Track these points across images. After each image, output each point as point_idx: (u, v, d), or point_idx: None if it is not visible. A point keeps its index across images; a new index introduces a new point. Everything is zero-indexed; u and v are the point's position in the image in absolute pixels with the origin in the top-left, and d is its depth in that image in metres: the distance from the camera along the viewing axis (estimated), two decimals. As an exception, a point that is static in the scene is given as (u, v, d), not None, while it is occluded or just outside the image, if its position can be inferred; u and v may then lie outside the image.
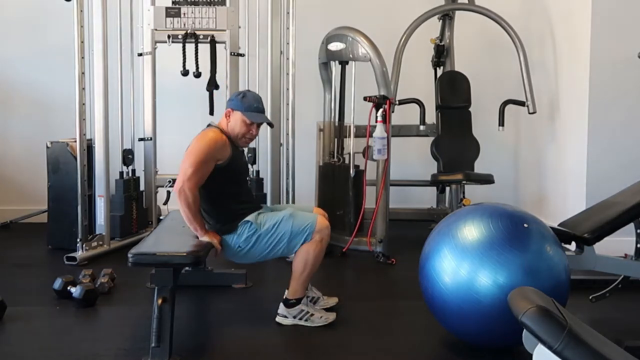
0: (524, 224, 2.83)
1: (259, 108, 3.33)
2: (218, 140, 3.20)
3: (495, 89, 5.64)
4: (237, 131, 3.28)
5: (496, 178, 4.92)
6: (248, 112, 3.27)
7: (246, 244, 3.24)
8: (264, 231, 3.22)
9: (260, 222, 3.25)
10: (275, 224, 3.23)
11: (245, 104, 3.28)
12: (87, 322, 3.36)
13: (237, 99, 3.32)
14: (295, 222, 3.22)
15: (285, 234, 3.21)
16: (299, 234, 3.20)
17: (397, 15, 5.52)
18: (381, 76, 4.48)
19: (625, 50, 4.33)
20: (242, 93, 3.38)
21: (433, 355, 3.03)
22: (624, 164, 4.47)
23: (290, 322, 3.27)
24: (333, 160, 4.83)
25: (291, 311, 3.27)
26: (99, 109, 4.55)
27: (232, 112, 3.29)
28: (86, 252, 4.38)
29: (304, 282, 3.28)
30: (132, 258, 2.90)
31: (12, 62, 5.64)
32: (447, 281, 2.80)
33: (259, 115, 3.33)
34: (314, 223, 3.22)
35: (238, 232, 3.23)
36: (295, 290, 3.27)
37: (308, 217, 3.27)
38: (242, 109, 3.27)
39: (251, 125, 3.29)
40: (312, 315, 3.27)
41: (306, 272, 3.24)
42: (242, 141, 3.34)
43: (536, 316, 1.85)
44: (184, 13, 4.68)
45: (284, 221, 3.23)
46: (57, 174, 4.70)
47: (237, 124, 3.28)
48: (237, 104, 3.29)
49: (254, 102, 3.32)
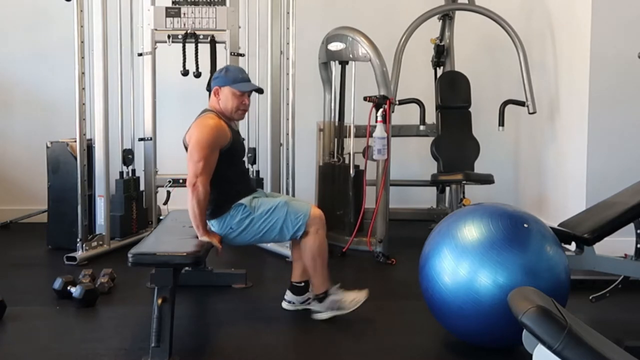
0: (524, 224, 2.83)
1: (244, 78, 3.37)
2: (219, 127, 3.21)
3: (495, 89, 5.65)
4: (230, 106, 3.30)
5: (496, 178, 4.92)
6: (235, 83, 3.29)
7: (238, 226, 3.24)
8: (257, 215, 3.23)
9: (255, 206, 3.26)
10: (269, 209, 3.24)
11: (231, 77, 3.31)
12: (87, 322, 3.36)
13: (221, 75, 3.34)
14: (290, 210, 3.24)
15: (278, 221, 3.23)
16: (292, 223, 3.23)
17: (397, 15, 5.53)
18: (381, 76, 4.49)
19: (625, 50, 4.33)
20: (224, 69, 3.41)
21: (433, 355, 3.03)
22: (624, 164, 4.47)
23: (327, 315, 3.31)
24: (333, 160, 4.83)
25: (324, 305, 3.31)
26: (99, 109, 4.55)
27: (220, 89, 3.31)
28: (86, 252, 4.38)
29: (322, 274, 3.31)
30: (132, 258, 2.90)
31: (12, 62, 5.64)
32: (447, 281, 2.80)
33: (247, 84, 3.36)
34: (307, 213, 3.25)
35: (231, 214, 3.24)
36: (319, 284, 3.32)
37: (302, 206, 3.30)
38: (229, 82, 3.29)
39: (242, 96, 3.31)
40: (344, 302, 3.32)
41: (318, 264, 3.28)
42: (237, 114, 3.35)
43: (536, 316, 1.85)
44: (184, 13, 4.68)
45: (278, 208, 3.24)
46: (57, 174, 4.70)
47: (228, 98, 3.29)
48: (223, 79, 3.31)
49: (239, 73, 3.37)
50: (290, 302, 3.44)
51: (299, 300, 3.43)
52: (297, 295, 3.44)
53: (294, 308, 3.44)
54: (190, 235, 3.21)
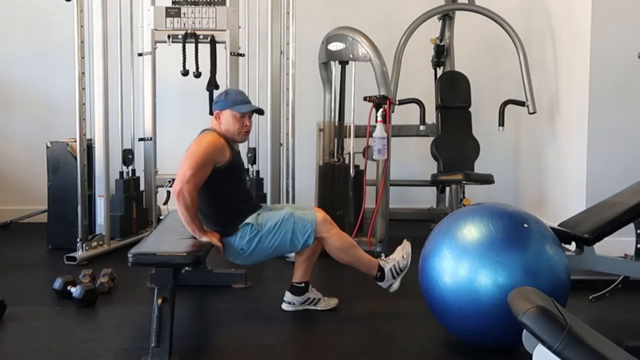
0: (524, 224, 2.83)
1: (244, 100, 3.39)
2: (217, 143, 3.22)
3: (495, 89, 5.65)
4: (232, 129, 3.31)
5: (496, 178, 4.92)
6: (235, 106, 3.31)
7: (249, 246, 3.26)
8: (265, 231, 3.24)
9: (261, 223, 3.26)
10: (276, 223, 3.26)
11: (230, 100, 3.33)
12: (87, 322, 3.36)
13: (221, 99, 3.36)
14: (297, 220, 3.27)
15: (287, 234, 3.25)
16: (301, 233, 3.26)
17: (397, 15, 5.53)
18: (381, 76, 4.48)
19: (625, 50, 4.32)
20: (223, 93, 3.43)
21: (433, 355, 3.03)
22: (623, 164, 4.47)
23: (397, 285, 3.41)
24: (333, 160, 4.82)
25: (389, 276, 3.40)
26: (99, 109, 4.55)
27: (221, 113, 3.32)
28: (86, 252, 4.37)
29: (364, 260, 3.40)
30: (132, 258, 2.90)
31: (12, 62, 5.64)
32: (447, 281, 2.80)
33: (247, 105, 3.37)
34: (313, 220, 3.28)
35: (239, 235, 3.25)
36: (369, 268, 3.40)
37: (307, 214, 3.32)
38: (229, 105, 3.31)
39: (242, 117, 3.32)
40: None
41: (354, 256, 3.37)
42: (239, 136, 3.36)
43: (536, 316, 1.85)
44: (184, 13, 4.68)
45: (285, 220, 3.26)
46: (57, 174, 4.70)
47: (229, 121, 3.30)
48: (223, 103, 3.33)
49: (238, 96, 3.39)
50: (290, 303, 3.44)
51: (298, 300, 3.44)
52: (297, 296, 3.44)
53: (294, 309, 3.44)
54: (190, 235, 3.21)
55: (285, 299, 3.45)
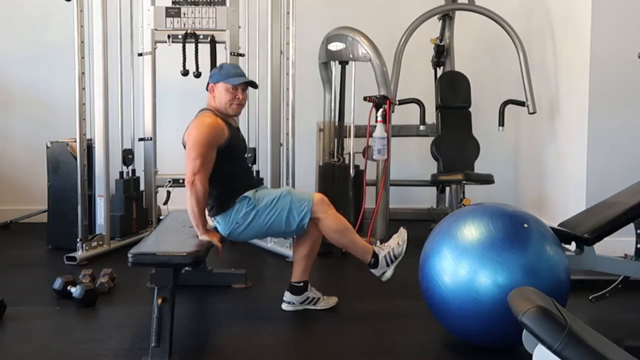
0: (524, 224, 2.83)
1: (238, 73, 3.39)
2: (216, 125, 3.23)
3: (495, 89, 5.65)
4: (224, 101, 3.32)
5: (496, 178, 4.92)
6: (228, 78, 3.32)
7: (244, 220, 3.25)
8: (262, 207, 3.24)
9: (258, 198, 3.27)
10: (273, 199, 3.26)
11: (224, 73, 3.35)
12: (87, 322, 3.36)
13: (215, 72, 3.40)
14: (294, 198, 3.27)
15: (283, 210, 3.24)
16: (297, 211, 3.24)
17: (397, 15, 5.53)
18: (381, 76, 4.49)
19: (625, 50, 4.32)
20: (219, 66, 3.46)
21: (433, 355, 3.03)
22: (624, 164, 4.47)
23: (389, 274, 3.38)
24: (333, 160, 4.83)
25: (382, 264, 3.37)
26: (99, 109, 4.55)
27: (215, 86, 3.34)
28: (86, 252, 4.37)
29: (359, 244, 3.38)
30: (132, 258, 2.90)
31: (12, 62, 5.64)
32: (447, 281, 2.80)
33: (240, 77, 3.37)
34: (310, 199, 3.27)
35: (236, 208, 3.25)
36: (363, 253, 3.37)
37: (305, 194, 3.33)
38: (222, 78, 3.33)
39: (235, 90, 3.32)
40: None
41: (349, 239, 3.35)
42: (231, 109, 3.35)
43: (536, 316, 1.85)
44: (184, 13, 4.68)
45: (282, 197, 3.26)
46: (57, 174, 4.70)
47: (222, 94, 3.32)
48: (217, 76, 3.35)
49: (232, 69, 3.40)
50: (290, 303, 3.44)
51: (298, 300, 3.44)
52: (296, 295, 3.44)
53: (294, 308, 3.44)
54: (190, 235, 3.21)
55: (284, 298, 3.45)
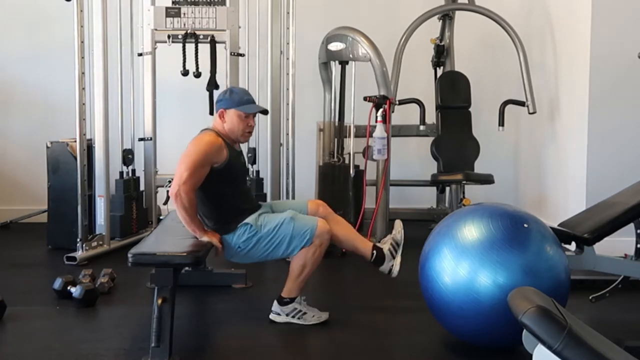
0: (524, 224, 2.83)
1: (250, 100, 3.36)
2: (214, 144, 3.20)
3: (495, 89, 5.65)
4: (236, 129, 3.29)
5: (496, 178, 4.92)
6: (241, 106, 3.28)
7: (246, 245, 3.24)
8: (264, 233, 3.22)
9: (261, 224, 3.24)
10: (276, 226, 3.23)
11: (236, 99, 3.30)
12: (87, 322, 3.36)
13: (226, 97, 3.33)
14: (296, 225, 3.21)
15: (285, 237, 3.21)
16: (299, 238, 3.20)
17: (397, 15, 5.53)
18: (381, 76, 4.49)
19: (625, 50, 4.32)
20: (227, 90, 3.40)
21: (433, 355, 3.03)
22: (624, 164, 4.47)
23: (283, 319, 3.27)
24: (333, 160, 4.83)
25: (284, 309, 3.28)
26: (99, 109, 4.55)
27: (225, 112, 3.29)
28: (86, 252, 4.37)
29: (300, 283, 3.28)
30: (132, 258, 2.90)
31: (12, 62, 5.64)
32: (447, 281, 2.80)
33: (253, 105, 3.35)
34: (314, 228, 3.21)
35: (237, 234, 3.23)
36: (290, 289, 3.28)
37: (309, 221, 3.26)
38: (234, 105, 3.28)
39: (247, 117, 3.30)
40: (305, 314, 3.27)
41: (303, 274, 3.25)
42: (243, 137, 3.35)
43: (536, 316, 1.85)
44: (184, 13, 4.68)
45: (284, 224, 3.22)
46: (57, 174, 4.70)
47: (234, 121, 3.28)
48: (228, 102, 3.30)
49: (244, 95, 3.35)
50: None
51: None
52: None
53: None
54: (191, 235, 3.21)
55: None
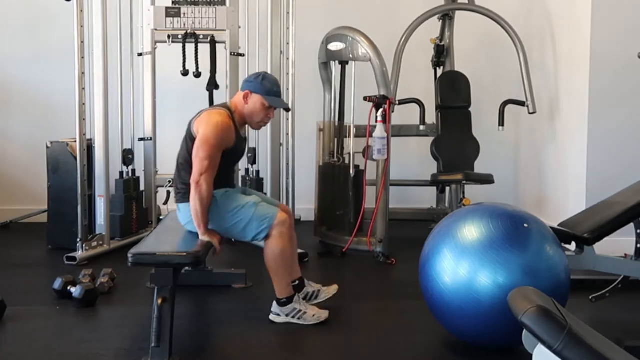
0: (524, 224, 2.83)
1: (278, 92, 3.31)
2: (226, 127, 3.16)
3: (495, 89, 5.65)
4: (255, 116, 3.26)
5: (496, 178, 4.92)
6: (269, 96, 3.24)
7: None
8: (223, 209, 3.21)
9: (224, 200, 3.23)
10: (236, 207, 3.22)
11: (266, 87, 3.24)
12: (87, 322, 3.36)
13: (257, 81, 3.26)
14: (257, 212, 3.21)
15: (242, 221, 3.20)
16: (257, 224, 3.19)
17: (397, 15, 5.53)
18: (381, 76, 4.48)
19: (625, 50, 4.32)
20: (261, 75, 3.33)
21: (433, 355, 3.03)
22: (624, 164, 4.47)
23: (283, 320, 3.27)
24: (333, 160, 4.83)
25: (284, 310, 3.27)
26: (99, 109, 4.55)
27: (251, 95, 3.24)
28: (86, 252, 4.38)
29: (284, 279, 3.27)
30: (132, 258, 2.90)
31: (12, 62, 5.63)
32: (447, 281, 2.80)
33: (279, 100, 3.31)
34: (273, 217, 3.20)
35: None
36: (280, 289, 3.27)
37: (270, 210, 3.25)
38: (262, 92, 3.23)
39: (270, 109, 3.27)
40: (305, 314, 3.26)
41: (280, 268, 3.24)
42: (257, 125, 3.33)
43: (536, 316, 1.85)
44: (184, 13, 4.67)
45: (246, 208, 3.21)
46: (57, 174, 4.70)
47: (257, 107, 3.24)
48: (257, 86, 3.24)
49: (274, 87, 3.29)
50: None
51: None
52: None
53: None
54: (190, 236, 3.21)
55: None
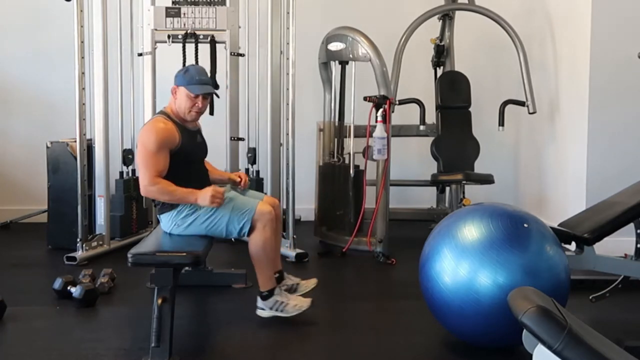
0: (524, 224, 2.83)
1: (201, 80, 3.32)
2: (163, 130, 3.19)
3: (495, 89, 5.65)
4: (183, 106, 3.29)
5: (496, 178, 4.92)
6: (191, 85, 3.27)
7: (183, 222, 3.24)
8: (202, 212, 3.22)
9: None
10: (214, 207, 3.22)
11: (188, 77, 3.29)
12: (87, 322, 3.36)
13: (180, 74, 3.32)
14: (235, 206, 3.23)
15: (222, 218, 3.21)
16: (238, 218, 3.20)
17: (397, 15, 5.53)
18: (381, 76, 4.48)
19: (625, 50, 4.32)
20: (185, 68, 3.39)
21: (433, 355, 3.03)
22: (624, 164, 4.47)
23: (267, 314, 3.29)
24: (333, 160, 4.83)
25: (267, 303, 3.29)
26: (99, 109, 4.55)
27: (178, 89, 3.30)
28: (86, 252, 4.38)
29: (267, 272, 3.29)
30: (132, 258, 2.90)
31: (12, 62, 5.64)
32: (447, 281, 2.80)
33: (202, 86, 3.31)
34: (252, 209, 3.21)
35: (178, 209, 3.23)
36: (263, 282, 3.29)
37: (248, 203, 3.27)
38: (184, 83, 3.28)
39: (196, 98, 3.28)
40: (287, 305, 3.28)
41: (263, 261, 3.25)
42: (189, 116, 3.32)
43: (536, 316, 1.85)
44: (184, 13, 4.68)
45: (223, 205, 3.22)
46: (57, 174, 4.70)
47: (182, 99, 3.28)
48: (181, 79, 3.30)
49: (197, 75, 3.32)
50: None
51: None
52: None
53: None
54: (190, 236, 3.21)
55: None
